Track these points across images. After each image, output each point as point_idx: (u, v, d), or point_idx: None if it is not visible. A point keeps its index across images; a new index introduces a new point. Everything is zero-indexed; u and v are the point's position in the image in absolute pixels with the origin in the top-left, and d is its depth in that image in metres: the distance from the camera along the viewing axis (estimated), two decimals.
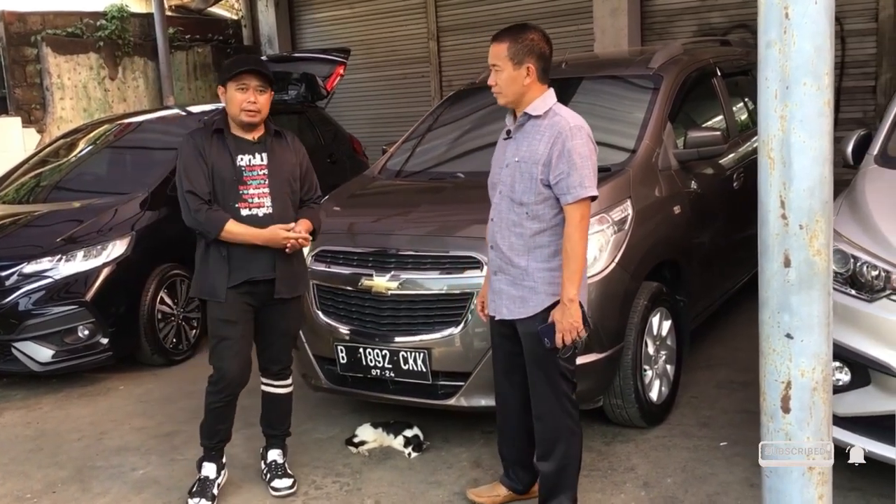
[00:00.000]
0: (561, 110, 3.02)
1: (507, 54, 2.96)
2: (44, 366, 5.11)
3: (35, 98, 9.28)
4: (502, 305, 3.09)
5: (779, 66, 1.95)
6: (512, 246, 3.03)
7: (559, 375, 3.06)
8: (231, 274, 3.47)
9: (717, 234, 4.74)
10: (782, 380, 2.08)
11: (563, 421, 3.09)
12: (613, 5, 8.53)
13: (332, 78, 8.25)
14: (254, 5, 11.62)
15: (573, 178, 2.88)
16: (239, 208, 3.46)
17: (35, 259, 5.16)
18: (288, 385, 3.77)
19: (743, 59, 5.96)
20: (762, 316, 2.13)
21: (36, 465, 4.18)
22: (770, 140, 2.00)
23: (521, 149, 3.01)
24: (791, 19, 1.93)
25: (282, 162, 3.54)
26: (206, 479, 3.65)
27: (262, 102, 3.46)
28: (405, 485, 3.70)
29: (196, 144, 3.48)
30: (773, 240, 2.04)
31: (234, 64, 3.51)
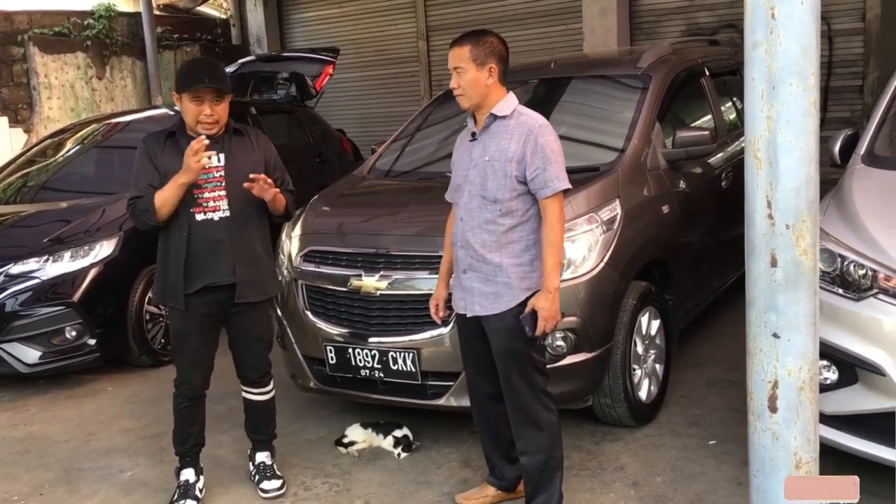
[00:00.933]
0: (525, 110, 3.09)
1: (469, 56, 3.02)
2: (31, 367, 5.07)
3: (22, 98, 9.22)
4: (474, 303, 3.11)
5: (765, 66, 1.96)
6: (484, 243, 3.05)
7: (533, 369, 3.09)
8: (189, 281, 3.40)
9: (706, 234, 4.75)
10: (769, 379, 2.09)
11: (541, 414, 3.11)
12: (602, 5, 8.54)
13: (321, 77, 8.25)
14: (242, 4, 11.58)
15: (549, 171, 2.96)
16: (194, 213, 3.37)
17: (22, 260, 5.13)
18: (268, 392, 3.74)
19: (731, 58, 5.97)
20: (749, 315, 2.14)
21: (23, 467, 4.16)
22: (756, 140, 2.01)
23: (489, 149, 3.05)
24: (777, 20, 1.94)
25: (241, 162, 3.43)
26: (186, 482, 3.63)
27: (220, 112, 3.38)
28: (395, 485, 3.70)
29: (147, 150, 3.41)
30: (760, 240, 2.05)
31: (188, 76, 3.40)
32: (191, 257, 3.39)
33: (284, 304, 4.23)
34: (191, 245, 3.39)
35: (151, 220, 3.34)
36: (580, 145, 4.49)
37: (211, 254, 3.40)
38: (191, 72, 3.46)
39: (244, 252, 3.46)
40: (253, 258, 3.49)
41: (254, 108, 7.18)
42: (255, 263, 3.50)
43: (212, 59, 4.68)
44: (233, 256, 3.42)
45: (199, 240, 3.39)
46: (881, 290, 3.00)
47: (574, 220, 3.74)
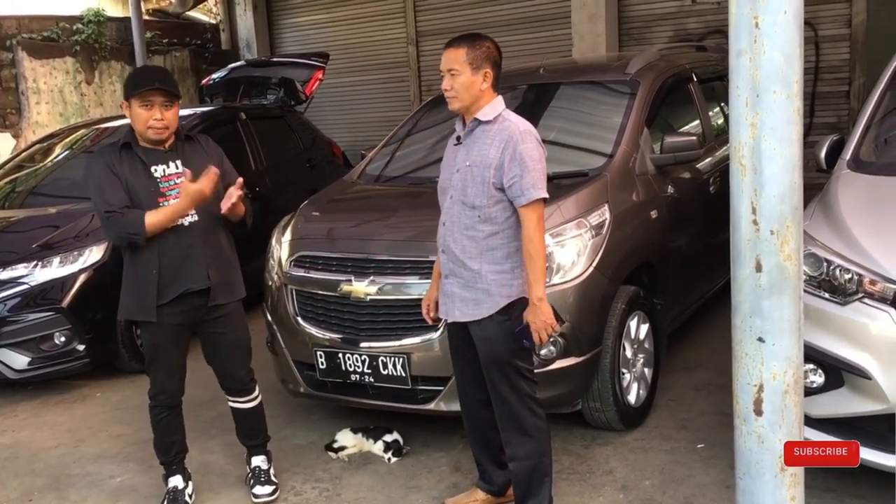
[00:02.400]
0: (510, 116, 3.07)
1: (465, 59, 3.00)
2: (20, 373, 5.06)
3: (10, 103, 9.19)
4: (455, 308, 3.12)
5: (749, 74, 1.99)
6: (464, 249, 3.06)
7: (518, 375, 3.09)
8: (163, 291, 3.36)
9: (694, 238, 4.78)
10: (754, 383, 2.11)
11: (529, 420, 3.12)
12: (591, 11, 8.59)
13: (311, 82, 8.25)
14: (232, 9, 11.58)
15: (526, 180, 2.94)
16: None
17: (10, 265, 5.11)
18: (255, 398, 3.72)
19: (718, 64, 6.01)
20: (734, 320, 2.16)
21: (12, 473, 4.14)
22: (741, 147, 2.03)
23: (471, 153, 3.05)
24: (761, 28, 1.97)
25: (199, 167, 3.40)
26: (175, 488, 3.63)
27: (170, 117, 3.36)
28: (385, 490, 3.70)
29: (106, 162, 3.35)
30: (745, 245, 2.08)
31: (136, 80, 3.38)
32: (164, 267, 3.36)
33: (274, 310, 4.23)
34: (163, 255, 3.35)
35: (140, 242, 3.30)
36: (569, 150, 4.52)
37: (184, 261, 3.38)
38: (139, 76, 3.45)
39: (215, 255, 3.45)
40: (223, 260, 3.50)
41: (244, 114, 7.19)
42: (224, 266, 3.51)
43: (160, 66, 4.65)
44: (205, 260, 3.41)
45: (171, 248, 3.36)
46: (867, 295, 3.03)
47: (563, 225, 3.77)
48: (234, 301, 3.56)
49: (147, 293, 3.37)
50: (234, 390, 3.67)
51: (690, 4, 8.48)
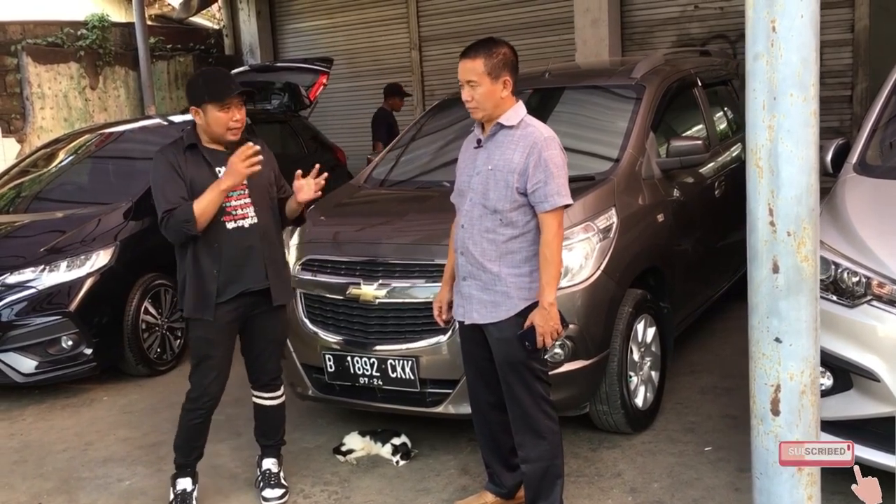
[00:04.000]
0: (532, 121, 3.08)
1: (483, 70, 3.00)
2: (27, 377, 5.07)
3: (15, 108, 9.21)
4: (473, 310, 3.13)
5: (766, 77, 2.01)
6: (484, 252, 3.07)
7: (535, 378, 3.10)
8: (224, 289, 3.42)
9: (700, 242, 4.80)
10: (771, 383, 2.13)
11: (543, 422, 3.13)
12: (594, 16, 8.61)
13: (315, 87, 8.27)
14: (235, 15, 11.61)
15: (550, 186, 2.96)
16: (224, 222, 3.40)
17: (18, 269, 5.13)
18: (280, 396, 3.76)
19: (722, 69, 6.05)
20: (751, 321, 2.18)
21: (20, 477, 4.15)
22: (758, 149, 2.05)
23: (493, 157, 3.06)
24: (778, 32, 1.99)
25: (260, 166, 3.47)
26: (183, 491, 3.64)
27: (243, 115, 3.43)
28: (394, 493, 3.71)
29: (170, 161, 3.39)
30: (762, 246, 2.09)
31: (215, 86, 3.38)
32: (224, 266, 3.41)
33: None
34: (224, 254, 3.41)
35: (193, 230, 3.31)
36: (575, 155, 4.50)
37: (244, 261, 3.44)
38: (216, 82, 3.43)
39: (272, 256, 3.52)
40: (279, 261, 3.58)
41: (249, 119, 7.19)
42: (281, 267, 3.60)
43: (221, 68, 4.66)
44: (264, 261, 3.47)
45: (232, 248, 3.42)
46: (875, 297, 3.05)
47: (571, 229, 3.78)
48: (287, 302, 3.66)
49: (208, 291, 3.42)
50: (262, 384, 3.70)
51: (693, 10, 8.51)
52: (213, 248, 3.41)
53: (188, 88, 3.54)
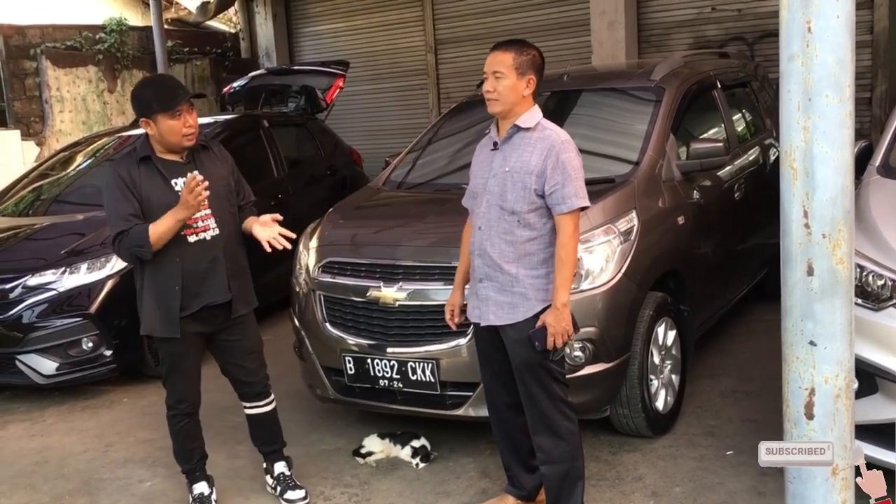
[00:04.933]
0: (549, 124, 3.11)
1: (512, 64, 3.04)
2: (48, 378, 5.10)
3: (34, 111, 9.28)
4: (489, 312, 3.13)
5: (801, 78, 2.00)
6: (502, 253, 3.07)
7: (552, 379, 3.10)
8: (185, 303, 3.37)
9: (720, 245, 4.78)
10: (806, 386, 2.11)
11: (561, 423, 3.12)
12: (611, 18, 8.59)
13: (331, 90, 8.29)
14: (252, 18, 11.66)
15: (568, 188, 2.97)
16: (186, 235, 3.34)
17: (39, 272, 5.17)
18: (271, 402, 3.73)
19: (741, 71, 6.02)
20: (785, 324, 2.16)
21: (42, 478, 4.18)
22: (793, 151, 2.04)
23: (510, 159, 3.07)
24: (813, 33, 1.98)
25: (216, 177, 3.42)
26: (201, 495, 3.66)
27: (195, 119, 3.37)
28: (414, 495, 3.71)
29: (122, 176, 3.30)
30: (797, 249, 2.08)
31: (162, 95, 3.31)
32: (186, 281, 3.36)
33: (302, 315, 4.25)
34: (185, 269, 3.35)
35: (146, 255, 3.27)
36: (595, 157, 4.51)
37: (207, 274, 3.39)
38: (163, 90, 3.36)
39: (234, 267, 3.48)
40: (241, 272, 3.53)
41: (266, 121, 7.24)
42: (243, 277, 3.55)
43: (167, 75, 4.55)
44: (227, 273, 3.44)
45: (194, 262, 3.37)
46: None
47: (591, 232, 3.77)
48: (250, 311, 3.60)
49: (171, 308, 3.37)
50: (251, 395, 3.68)
51: (710, 11, 8.47)
52: (174, 262, 3.33)
53: (134, 100, 3.44)
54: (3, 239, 5.70)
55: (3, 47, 9.10)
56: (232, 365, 3.61)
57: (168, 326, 3.39)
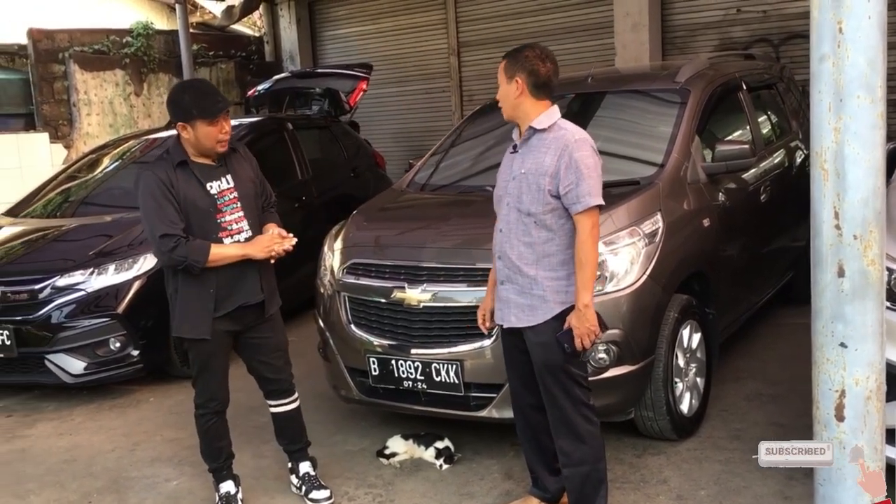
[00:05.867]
0: (566, 125, 3.09)
1: (503, 69, 3.09)
2: (76, 378, 5.17)
3: (62, 114, 9.40)
4: (510, 314, 3.14)
5: (832, 79, 1.99)
6: (521, 255, 3.08)
7: (573, 382, 3.09)
8: (219, 305, 3.42)
9: (745, 247, 4.75)
10: (836, 388, 2.10)
11: (582, 426, 3.12)
12: (634, 20, 8.56)
13: (354, 93, 8.35)
14: (276, 22, 11.75)
15: (582, 187, 2.95)
16: (221, 238, 3.40)
17: (68, 272, 5.24)
18: (295, 400, 3.77)
19: (767, 72, 5.98)
20: (815, 325, 2.15)
21: (71, 476, 4.23)
22: (824, 152, 2.03)
23: (526, 161, 3.08)
24: (845, 34, 1.97)
25: (244, 179, 3.50)
26: (227, 493, 3.69)
27: (230, 126, 3.44)
28: (438, 496, 3.72)
29: (161, 179, 3.34)
30: (827, 250, 2.07)
31: (203, 101, 3.35)
32: (221, 283, 3.42)
33: (327, 316, 4.28)
34: (220, 271, 3.40)
35: (196, 270, 3.34)
36: (620, 159, 4.51)
37: (241, 275, 3.44)
38: (205, 97, 3.40)
39: (263, 269, 3.53)
40: (269, 272, 3.58)
41: (290, 124, 7.29)
42: (271, 277, 3.60)
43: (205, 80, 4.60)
44: (259, 273, 3.49)
45: (229, 265, 3.41)
46: None
47: (616, 234, 3.77)
48: (277, 310, 3.67)
49: (205, 310, 3.42)
50: (277, 392, 3.72)
51: (735, 13, 8.41)
52: (211, 266, 3.38)
53: (173, 104, 3.46)
54: (32, 240, 5.79)
55: (32, 51, 9.23)
56: (258, 362, 3.65)
57: (201, 328, 3.44)
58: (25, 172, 8.60)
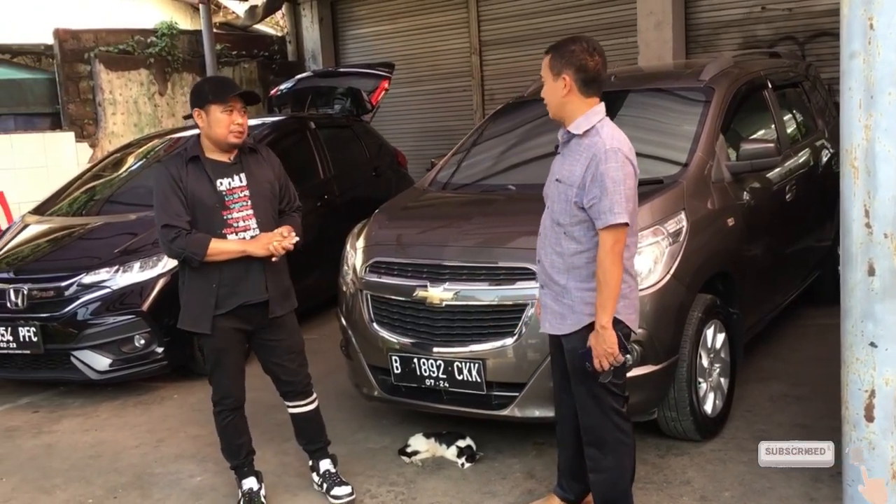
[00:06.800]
0: (602, 130, 2.92)
1: (548, 65, 2.95)
2: (101, 374, 5.22)
3: (88, 113, 9.49)
4: (546, 319, 3.12)
5: (863, 76, 1.96)
6: (553, 263, 3.03)
7: (604, 390, 3.03)
8: (222, 301, 3.45)
9: (770, 247, 4.71)
10: (866, 388, 2.07)
11: (611, 434, 3.07)
12: (658, 18, 8.51)
13: (376, 92, 8.36)
14: (298, 22, 11.80)
15: (604, 203, 2.83)
16: (225, 234, 3.44)
17: (94, 270, 5.29)
18: (314, 401, 3.77)
19: (792, 71, 5.93)
20: (845, 325, 2.12)
21: (96, 471, 4.27)
22: (854, 149, 2.00)
23: (562, 168, 3.01)
24: (876, 30, 1.94)
25: (260, 179, 3.52)
26: (250, 490, 3.71)
27: (246, 122, 3.46)
28: (459, 495, 3.72)
29: (171, 174, 3.43)
30: (857, 249, 2.04)
31: (218, 87, 3.46)
32: (224, 280, 3.45)
33: (349, 314, 4.29)
34: (224, 268, 3.44)
35: (195, 263, 3.40)
36: (643, 159, 4.44)
37: (245, 274, 3.46)
38: (219, 84, 3.51)
39: (272, 269, 3.53)
40: (279, 273, 3.58)
41: (313, 123, 7.32)
42: (281, 278, 3.59)
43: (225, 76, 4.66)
44: (264, 274, 3.49)
45: (233, 262, 3.44)
46: None
47: (640, 233, 3.73)
48: (289, 312, 3.65)
49: (205, 305, 3.46)
50: (293, 394, 3.72)
51: (760, 11, 8.34)
52: (215, 261, 3.42)
53: (192, 93, 3.56)
54: (58, 238, 5.86)
55: (58, 51, 9.33)
56: (272, 364, 3.67)
57: (201, 322, 3.50)
58: (51, 171, 8.69)
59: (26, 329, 5.19)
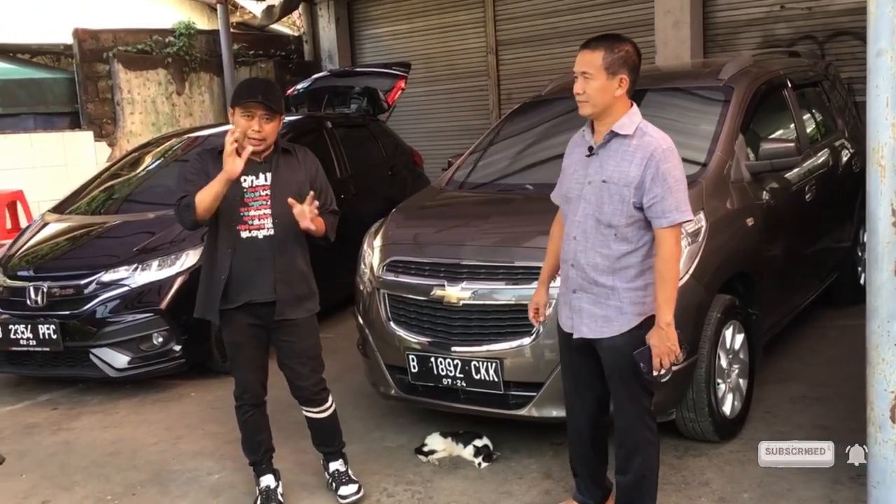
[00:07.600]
0: (649, 129, 2.93)
1: (601, 63, 2.86)
2: (120, 372, 5.25)
3: (106, 113, 9.57)
4: (582, 324, 3.03)
5: (890, 74, 1.93)
6: (596, 266, 2.96)
7: (643, 391, 3.03)
8: (230, 296, 3.47)
9: (789, 248, 4.67)
10: (891, 389, 2.05)
11: (643, 434, 3.07)
12: (676, 17, 8.48)
13: (393, 92, 8.37)
14: (315, 22, 11.84)
15: (669, 201, 2.82)
16: (239, 230, 3.44)
17: (112, 268, 5.33)
18: (327, 409, 3.74)
19: (812, 70, 5.88)
20: (870, 325, 2.10)
21: (115, 468, 4.30)
22: (881, 148, 1.97)
23: (606, 168, 2.93)
24: None
25: (287, 181, 3.49)
26: (267, 488, 3.71)
27: (268, 130, 3.42)
28: (476, 494, 3.72)
29: (202, 164, 3.50)
30: (884, 248, 2.01)
31: (242, 91, 3.47)
32: (234, 274, 3.46)
33: (366, 313, 4.30)
34: (234, 262, 3.45)
35: (190, 217, 3.40)
36: None
37: (253, 271, 3.47)
38: (246, 88, 3.51)
39: (285, 270, 3.51)
40: (294, 276, 3.54)
41: (329, 122, 7.34)
42: (295, 281, 3.55)
43: (270, 80, 4.72)
44: (274, 275, 3.48)
45: (243, 257, 3.46)
46: None
47: None
48: (304, 316, 3.60)
49: (213, 295, 3.50)
50: (304, 399, 3.72)
51: (779, 10, 8.29)
52: (226, 253, 3.46)
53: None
54: (77, 237, 5.89)
55: (77, 51, 9.41)
56: (283, 365, 3.67)
57: (208, 311, 3.55)
58: (70, 170, 8.78)
59: (46, 327, 5.23)
